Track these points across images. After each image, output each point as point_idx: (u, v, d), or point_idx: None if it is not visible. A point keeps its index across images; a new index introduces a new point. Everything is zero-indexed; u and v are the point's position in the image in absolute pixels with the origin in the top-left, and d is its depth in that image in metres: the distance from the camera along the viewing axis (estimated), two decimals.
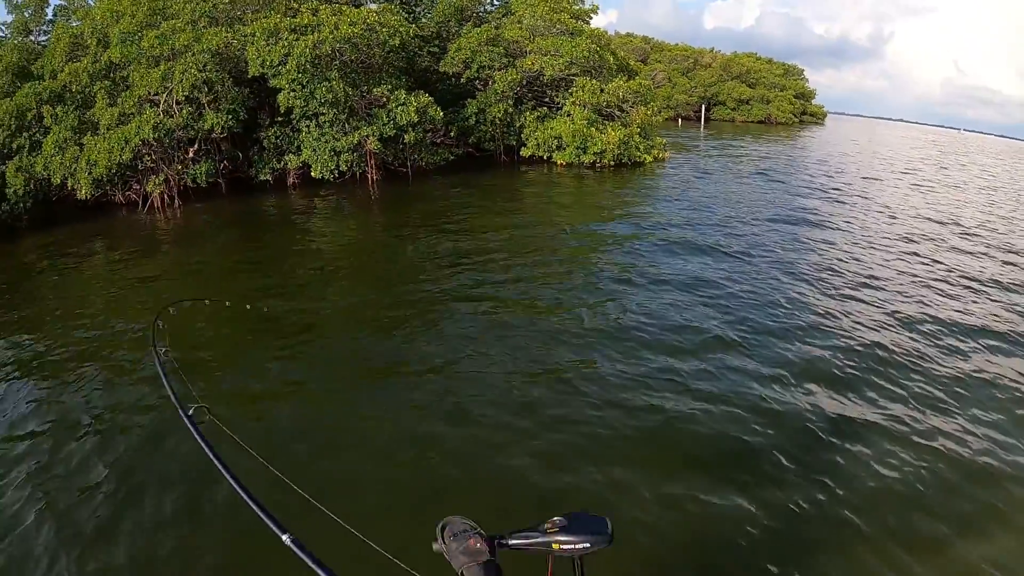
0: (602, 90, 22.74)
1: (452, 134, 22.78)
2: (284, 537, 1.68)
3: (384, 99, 18.28)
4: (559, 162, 22.64)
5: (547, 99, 24.60)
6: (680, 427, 6.27)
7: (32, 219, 16.98)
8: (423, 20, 26.70)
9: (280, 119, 19.13)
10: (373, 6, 22.93)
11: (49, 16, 24.90)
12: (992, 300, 10.83)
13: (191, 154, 18.16)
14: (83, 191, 16.43)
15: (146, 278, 12.12)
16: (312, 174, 18.46)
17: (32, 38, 24.47)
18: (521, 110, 23.56)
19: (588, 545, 1.74)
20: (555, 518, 1.77)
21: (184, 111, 16.90)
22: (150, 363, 7.62)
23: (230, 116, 17.35)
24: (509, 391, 7.01)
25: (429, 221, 15.51)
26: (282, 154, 19.43)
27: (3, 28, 25.46)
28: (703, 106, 55.09)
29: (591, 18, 27.73)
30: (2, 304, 10.96)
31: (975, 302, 10.66)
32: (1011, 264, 13.57)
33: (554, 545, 1.74)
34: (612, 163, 22.44)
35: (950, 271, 12.55)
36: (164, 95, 16.86)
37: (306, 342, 8.61)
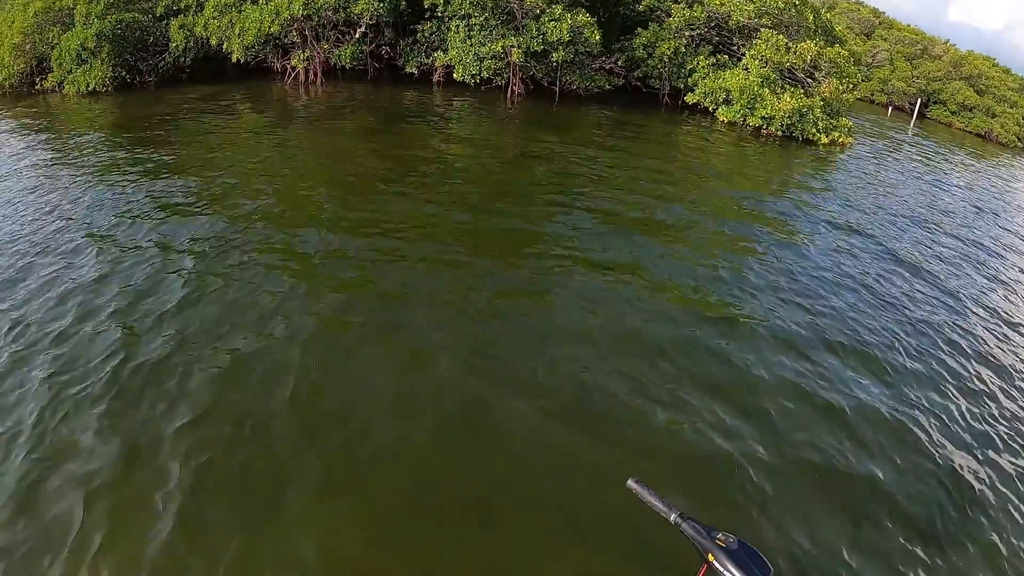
0: (788, 48, 20.07)
1: (620, 63, 21.23)
2: None
3: (539, 10, 17.10)
4: (721, 118, 20.50)
5: (734, 47, 22.12)
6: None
7: (195, 72, 18.71)
8: None
9: (439, 15, 18.62)
10: None
11: None
12: None
13: (357, 35, 18.30)
14: (235, 55, 17.40)
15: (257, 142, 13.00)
16: (454, 76, 17.93)
17: None
18: (697, 52, 21.41)
19: None
20: (729, 535, 1.82)
21: None
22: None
23: (382, 4, 17.07)
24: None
25: (556, 151, 14.28)
26: (433, 50, 19.01)
27: None
28: (919, 100, 48.64)
29: None
30: (146, 136, 13.37)
31: None
32: None
33: (710, 556, 1.79)
34: (779, 133, 19.94)
35: None
36: None
37: None
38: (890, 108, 48.87)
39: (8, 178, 10.82)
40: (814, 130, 20.45)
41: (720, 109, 20.48)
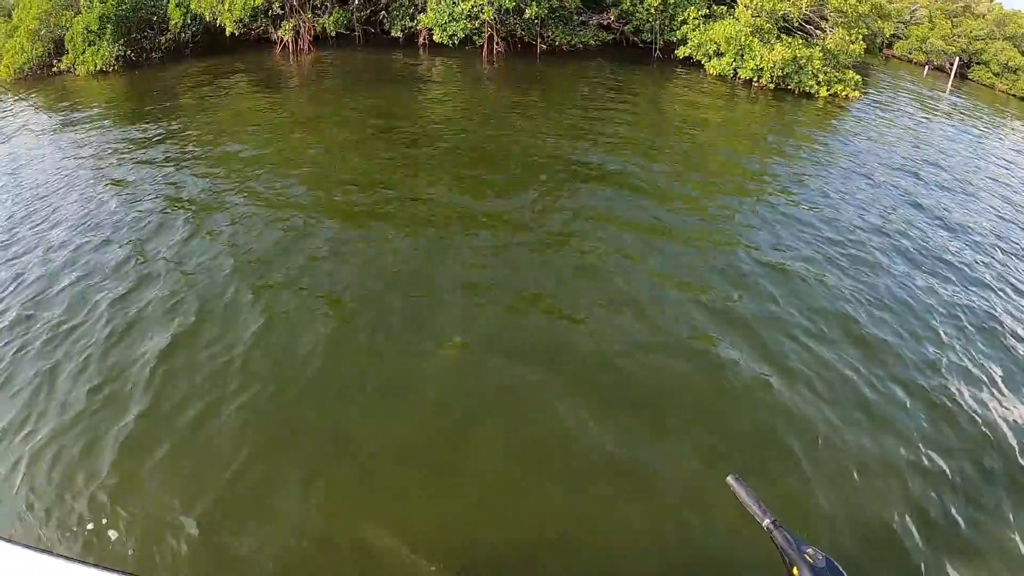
0: None
1: (614, 17, 20.96)
2: None
3: None
4: (712, 72, 20.13)
5: None
6: None
7: (199, 47, 19.70)
8: None
9: None
10: None
11: None
12: None
13: (356, 2, 18.83)
14: (228, 28, 18.27)
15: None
16: (434, 38, 18.20)
17: None
18: (690, 4, 21.03)
19: None
20: (819, 552, 1.72)
21: None
22: None
23: None
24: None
25: (531, 112, 14.26)
26: (419, 12, 19.28)
27: None
28: (958, 60, 46.54)
29: None
30: (149, 102, 15.00)
31: None
32: None
33: (794, 570, 1.71)
34: (771, 86, 19.44)
35: None
36: None
37: None
38: (927, 68, 46.77)
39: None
40: (812, 83, 19.79)
41: (711, 62, 20.13)
